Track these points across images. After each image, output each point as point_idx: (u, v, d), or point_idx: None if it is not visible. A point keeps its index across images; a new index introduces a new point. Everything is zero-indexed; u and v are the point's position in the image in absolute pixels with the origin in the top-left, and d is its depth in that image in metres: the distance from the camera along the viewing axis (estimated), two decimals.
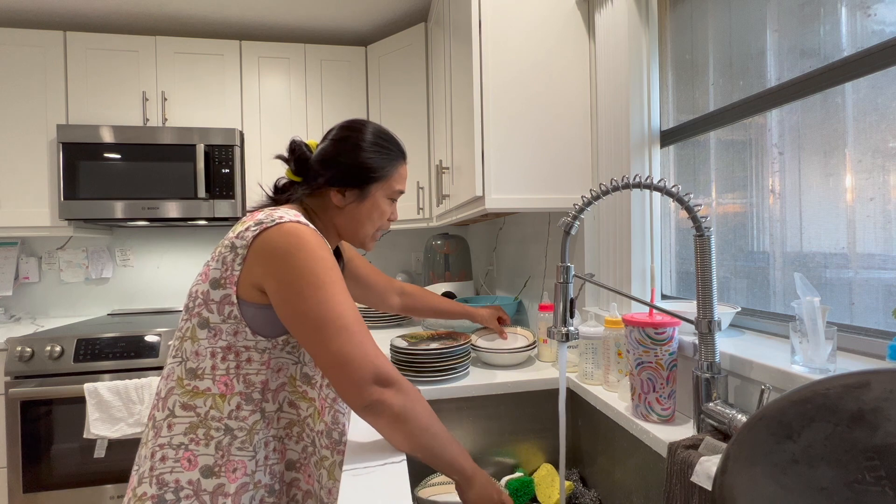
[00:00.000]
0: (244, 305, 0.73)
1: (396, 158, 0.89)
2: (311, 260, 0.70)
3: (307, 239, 0.72)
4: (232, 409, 0.73)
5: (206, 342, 0.73)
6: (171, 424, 0.72)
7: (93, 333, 1.81)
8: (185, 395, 0.72)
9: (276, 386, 0.77)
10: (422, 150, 2.11)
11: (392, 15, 2.23)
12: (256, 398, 0.75)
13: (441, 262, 2.18)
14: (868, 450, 0.39)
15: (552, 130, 1.26)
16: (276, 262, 0.70)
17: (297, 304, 0.70)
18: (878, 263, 0.70)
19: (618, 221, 1.18)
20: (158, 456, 0.71)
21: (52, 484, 1.73)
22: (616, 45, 1.17)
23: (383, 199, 0.88)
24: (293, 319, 0.70)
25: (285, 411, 0.79)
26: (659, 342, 0.82)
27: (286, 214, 0.74)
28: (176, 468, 0.70)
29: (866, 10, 0.71)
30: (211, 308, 0.73)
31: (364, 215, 0.87)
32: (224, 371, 0.73)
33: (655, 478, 0.82)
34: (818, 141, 0.79)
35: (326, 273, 0.71)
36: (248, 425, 0.73)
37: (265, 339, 0.75)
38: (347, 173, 0.84)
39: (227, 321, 0.73)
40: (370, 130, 0.87)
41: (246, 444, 0.73)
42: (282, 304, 0.71)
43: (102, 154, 2.03)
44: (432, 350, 1.13)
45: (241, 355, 0.74)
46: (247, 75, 2.24)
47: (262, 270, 0.71)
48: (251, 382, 0.74)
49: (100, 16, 2.15)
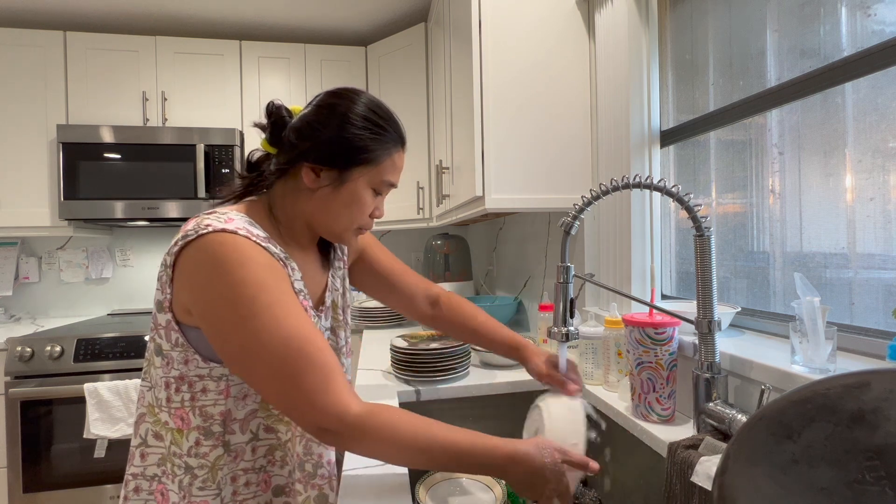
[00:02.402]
0: (187, 330, 0.63)
1: (391, 142, 0.71)
2: (229, 284, 0.57)
3: (228, 255, 0.58)
4: (191, 446, 0.64)
5: (161, 371, 0.65)
6: (143, 454, 0.66)
7: (93, 333, 1.81)
8: (155, 425, 0.66)
9: (243, 415, 0.67)
10: (422, 150, 2.11)
11: (392, 15, 2.23)
12: (217, 431, 0.65)
13: (441, 262, 2.18)
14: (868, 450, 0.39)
15: (552, 130, 1.26)
16: (197, 289, 0.59)
17: (220, 345, 0.59)
18: (878, 263, 0.70)
19: (618, 221, 1.17)
20: (132, 486, 0.66)
21: (52, 484, 1.73)
22: (616, 45, 1.17)
23: (366, 188, 0.71)
24: (223, 356, 0.59)
25: (262, 439, 0.69)
26: (659, 342, 0.82)
27: (215, 221, 0.61)
28: (150, 501, 0.65)
29: (866, 10, 0.71)
30: (160, 333, 0.64)
31: (339, 204, 0.70)
32: (179, 403, 0.64)
33: (655, 478, 0.82)
34: (818, 141, 0.79)
35: (251, 302, 0.57)
36: (210, 462, 0.64)
37: (219, 365, 0.64)
38: (326, 148, 0.68)
39: (176, 348, 0.63)
40: (363, 101, 0.70)
41: (208, 483, 0.64)
42: (210, 338, 0.60)
43: (102, 154, 2.03)
44: (432, 350, 1.13)
45: (195, 385, 0.64)
46: (247, 75, 2.24)
47: (187, 296, 0.61)
48: (209, 415, 0.64)
49: (100, 16, 2.15)
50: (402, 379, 1.15)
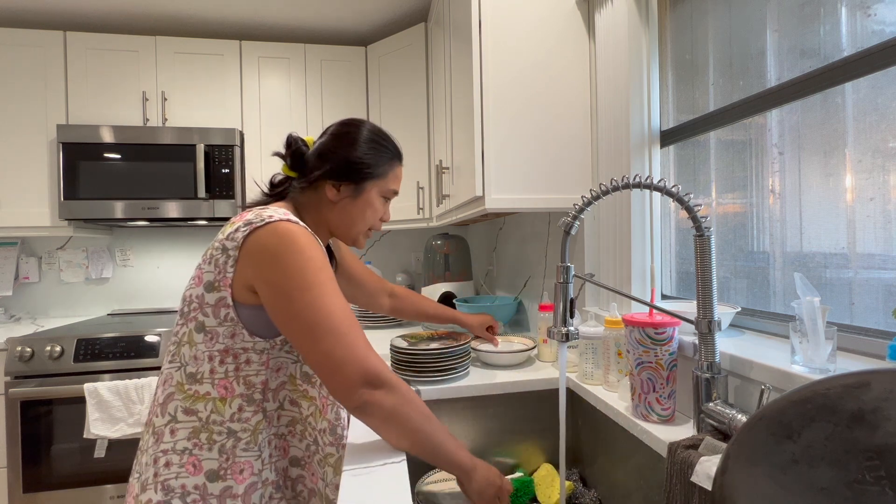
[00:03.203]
0: (240, 307, 0.73)
1: (392, 158, 0.90)
2: (300, 261, 0.70)
3: (297, 239, 0.71)
4: (234, 412, 0.73)
5: (204, 346, 0.73)
6: (173, 430, 0.72)
7: (93, 333, 1.81)
8: (186, 400, 0.73)
9: (276, 385, 0.78)
10: (422, 150, 2.11)
11: (392, 15, 2.23)
12: (258, 398, 0.75)
13: (441, 262, 2.18)
14: (868, 450, 0.39)
15: (552, 130, 1.26)
16: (266, 264, 0.70)
17: (286, 306, 0.69)
18: (878, 263, 0.70)
19: (618, 221, 1.18)
20: (162, 462, 0.71)
21: (52, 484, 1.73)
22: (616, 45, 1.17)
23: (377, 197, 0.89)
24: (283, 322, 0.70)
25: (286, 409, 0.79)
26: (659, 342, 0.82)
27: (276, 213, 0.74)
28: (181, 473, 0.71)
29: (866, 10, 0.71)
30: (206, 312, 0.73)
31: (357, 212, 0.88)
32: (223, 374, 0.73)
33: (655, 478, 0.82)
34: (818, 141, 0.79)
35: (316, 274, 0.71)
36: (252, 426, 0.74)
37: (263, 339, 0.75)
38: (344, 168, 0.85)
39: (224, 324, 0.73)
40: (367, 128, 0.89)
41: (251, 445, 0.74)
42: (272, 307, 0.71)
43: (102, 154, 2.03)
44: (432, 350, 1.13)
45: (240, 357, 0.74)
46: (247, 75, 2.24)
47: (252, 272, 0.71)
48: (251, 384, 0.75)
49: (100, 16, 2.15)
50: (402, 379, 1.15)
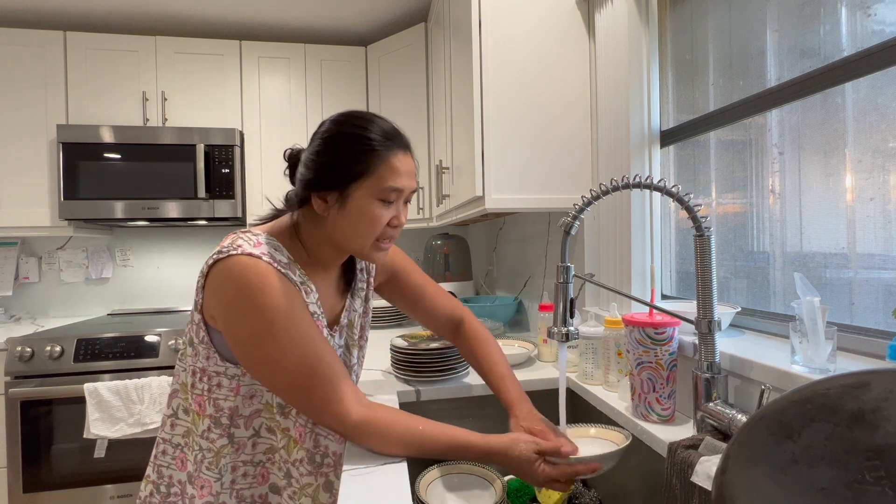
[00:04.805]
0: (212, 332, 0.72)
1: (381, 148, 0.70)
2: (251, 308, 0.65)
3: (251, 281, 0.65)
4: (203, 430, 0.73)
5: (190, 360, 0.74)
6: (173, 424, 0.76)
7: (93, 333, 1.81)
8: (185, 401, 0.76)
9: (249, 412, 0.74)
10: (422, 150, 2.11)
11: (392, 15, 2.23)
12: (224, 423, 0.73)
13: (441, 262, 2.18)
14: (868, 450, 0.39)
15: (552, 130, 1.26)
16: (222, 305, 0.67)
17: (241, 355, 0.68)
18: (878, 263, 0.70)
19: (618, 221, 1.17)
20: (161, 448, 0.77)
21: (52, 484, 1.73)
22: (616, 45, 1.17)
23: (370, 200, 0.71)
24: (245, 366, 0.69)
25: (263, 437, 0.76)
26: (659, 342, 0.82)
27: (246, 243, 0.69)
28: (172, 465, 0.75)
29: (866, 10, 0.71)
30: (192, 328, 0.73)
31: (349, 222, 0.71)
32: (199, 391, 0.73)
33: (655, 478, 0.82)
34: (818, 141, 0.79)
35: (275, 321, 0.65)
36: (216, 448, 0.73)
37: (234, 366, 0.72)
38: (321, 174, 0.71)
39: (201, 344, 0.72)
40: (346, 118, 0.73)
41: (212, 466, 0.73)
42: (233, 349, 0.69)
43: (102, 154, 2.03)
44: (432, 350, 1.12)
45: (213, 379, 0.72)
46: (247, 75, 2.24)
47: (214, 305, 0.69)
48: (220, 407, 0.73)
49: (100, 16, 2.15)
50: (402, 379, 1.15)
